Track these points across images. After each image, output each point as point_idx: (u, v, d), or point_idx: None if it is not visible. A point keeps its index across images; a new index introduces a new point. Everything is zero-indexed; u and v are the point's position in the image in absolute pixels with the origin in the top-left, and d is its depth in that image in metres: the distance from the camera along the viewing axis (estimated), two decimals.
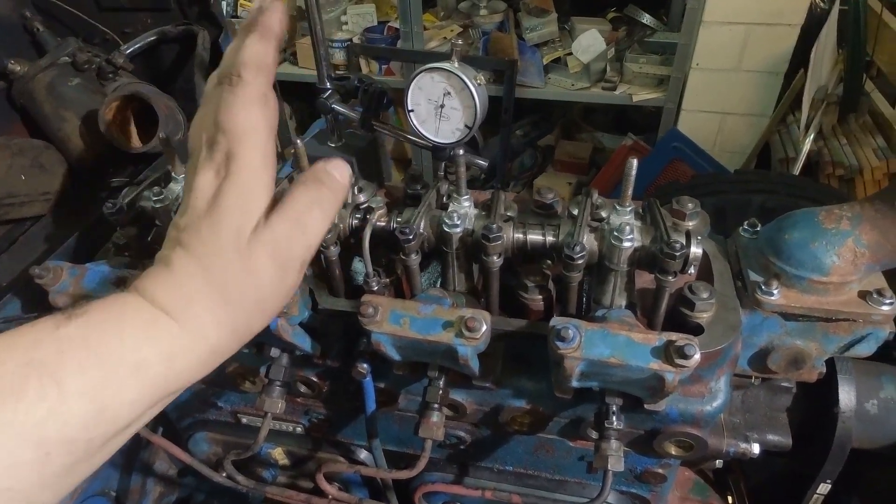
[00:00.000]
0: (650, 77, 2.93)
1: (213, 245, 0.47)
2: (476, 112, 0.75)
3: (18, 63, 1.14)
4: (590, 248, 0.66)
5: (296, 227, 0.50)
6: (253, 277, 0.48)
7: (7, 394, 0.37)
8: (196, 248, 0.47)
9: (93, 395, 0.40)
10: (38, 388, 0.38)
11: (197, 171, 0.49)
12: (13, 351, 0.39)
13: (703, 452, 0.72)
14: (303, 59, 3.34)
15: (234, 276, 0.47)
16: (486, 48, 3.08)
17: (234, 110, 0.48)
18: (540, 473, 0.86)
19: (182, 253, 0.47)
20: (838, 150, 2.38)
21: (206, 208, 0.48)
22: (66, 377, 0.39)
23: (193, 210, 0.48)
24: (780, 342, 0.73)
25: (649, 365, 0.56)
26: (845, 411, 0.78)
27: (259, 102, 0.49)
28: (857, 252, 0.65)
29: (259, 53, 0.49)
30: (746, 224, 0.77)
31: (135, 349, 0.43)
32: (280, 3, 0.52)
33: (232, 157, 0.48)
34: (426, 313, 0.62)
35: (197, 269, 0.47)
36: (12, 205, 1.07)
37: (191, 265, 0.47)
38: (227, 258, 0.47)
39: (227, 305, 0.47)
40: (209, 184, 0.48)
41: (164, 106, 1.12)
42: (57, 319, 0.42)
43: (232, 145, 0.48)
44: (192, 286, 0.47)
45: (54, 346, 0.40)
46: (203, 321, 0.46)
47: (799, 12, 2.47)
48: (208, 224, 0.47)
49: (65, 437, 0.39)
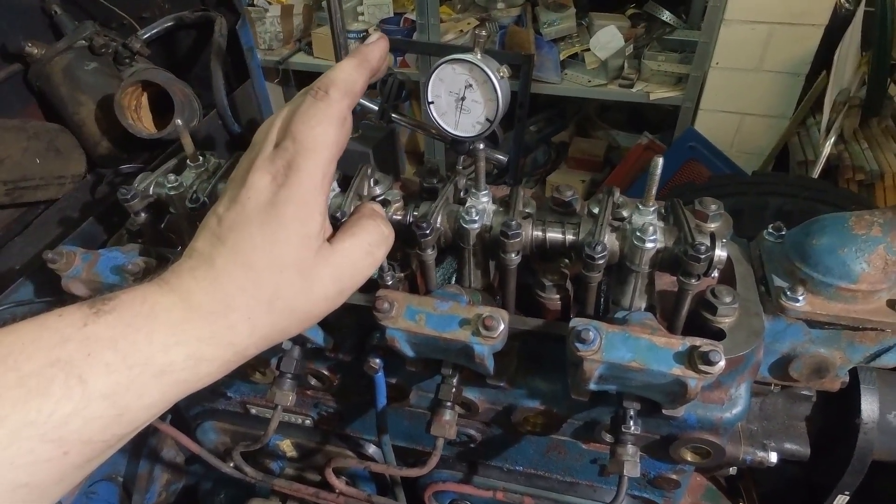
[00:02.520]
0: (668, 75, 2.89)
1: (272, 259, 0.46)
2: (498, 105, 0.74)
3: (36, 46, 1.14)
4: (611, 248, 0.64)
5: (366, 258, 0.52)
6: (311, 297, 0.48)
7: (34, 392, 0.36)
8: (248, 255, 0.46)
9: (116, 399, 0.39)
10: (65, 387, 0.37)
11: (254, 168, 0.48)
12: (40, 346, 0.38)
13: (720, 460, 0.71)
14: (318, 49, 3.33)
15: (292, 294, 0.47)
16: (502, 42, 3.06)
17: (311, 122, 0.48)
18: (551, 475, 0.85)
19: (228, 256, 0.46)
20: (859, 154, 2.34)
21: (261, 213, 0.46)
22: (91, 378, 0.38)
23: (243, 209, 0.47)
24: (804, 350, 0.71)
25: (672, 370, 0.55)
26: (867, 422, 0.76)
27: (337, 122, 0.49)
28: (888, 260, 0.63)
29: (351, 77, 0.51)
30: (771, 228, 0.75)
31: (162, 351, 0.42)
32: (384, 42, 0.55)
33: (294, 167, 0.47)
34: (443, 310, 0.61)
35: (247, 281, 0.45)
36: (27, 188, 1.07)
37: (239, 274, 0.45)
38: (287, 276, 0.46)
39: (270, 315, 0.47)
40: (265, 186, 0.47)
41: (180, 92, 1.11)
42: (85, 314, 0.41)
43: (297, 156, 0.47)
44: (236, 295, 0.45)
45: (82, 346, 0.39)
46: (238, 330, 0.45)
47: (823, 12, 2.43)
48: (266, 234, 0.46)
49: (84, 438, 0.38)
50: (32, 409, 0.36)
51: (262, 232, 0.46)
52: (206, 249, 0.47)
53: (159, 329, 0.42)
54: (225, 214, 0.48)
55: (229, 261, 0.46)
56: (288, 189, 0.47)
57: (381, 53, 0.53)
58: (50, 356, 0.38)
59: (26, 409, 0.36)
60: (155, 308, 0.43)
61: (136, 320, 0.42)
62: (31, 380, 0.36)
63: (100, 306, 0.41)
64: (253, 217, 0.46)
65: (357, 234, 0.52)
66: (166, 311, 0.43)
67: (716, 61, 2.65)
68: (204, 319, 0.44)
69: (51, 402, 0.36)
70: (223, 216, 0.48)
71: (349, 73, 0.51)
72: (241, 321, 0.45)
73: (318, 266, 0.48)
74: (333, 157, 0.50)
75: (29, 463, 0.36)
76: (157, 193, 0.81)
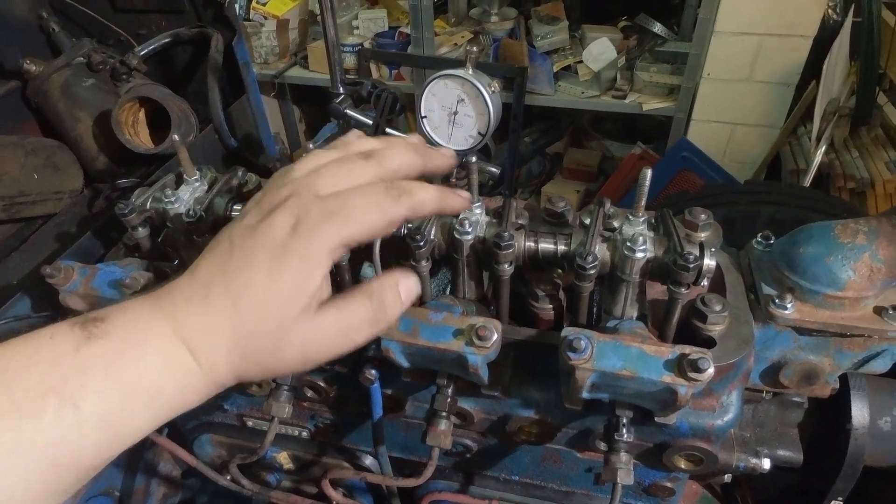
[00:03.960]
0: (660, 86, 2.93)
1: (258, 309, 0.45)
2: (490, 119, 0.75)
3: (34, 63, 1.15)
4: (602, 258, 0.65)
5: (341, 337, 0.48)
6: (277, 356, 0.47)
7: (26, 414, 0.37)
8: (241, 294, 0.45)
9: (107, 424, 0.40)
10: (57, 410, 0.38)
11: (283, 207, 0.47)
12: (33, 369, 0.39)
13: (713, 467, 0.71)
14: (314, 62, 3.36)
15: (261, 347, 0.46)
16: (496, 55, 3.09)
17: (368, 204, 0.47)
18: (547, 484, 0.86)
19: (223, 290, 0.45)
20: (850, 162, 2.36)
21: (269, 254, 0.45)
22: (84, 403, 0.39)
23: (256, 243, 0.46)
24: (793, 357, 0.72)
25: (662, 378, 0.56)
26: (858, 428, 0.77)
27: (388, 217, 0.48)
28: (873, 267, 0.65)
29: (432, 202, 0.51)
30: (760, 236, 0.77)
31: (153, 378, 0.42)
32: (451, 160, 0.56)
33: (323, 227, 0.46)
34: (437, 321, 0.62)
35: (231, 320, 0.45)
36: (24, 203, 1.08)
37: (228, 311, 0.45)
38: (264, 330, 0.46)
39: (244, 361, 0.47)
40: (283, 230, 0.46)
41: (177, 108, 1.12)
42: (77, 337, 0.41)
43: (333, 218, 0.46)
44: (221, 332, 0.45)
45: (75, 371, 0.40)
46: (219, 365, 0.46)
47: (812, 24, 2.46)
48: (265, 278, 0.45)
49: (76, 461, 0.39)
50: (27, 430, 0.37)
51: (263, 275, 0.45)
52: (206, 277, 0.47)
53: (150, 356, 0.43)
54: (239, 241, 0.47)
55: (224, 296, 0.45)
56: (304, 241, 0.45)
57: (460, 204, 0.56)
58: (43, 378, 0.38)
59: (20, 431, 0.36)
60: (146, 334, 0.43)
61: (126, 346, 0.42)
62: (24, 403, 0.37)
63: (91, 329, 0.42)
64: (261, 255, 0.46)
65: (344, 310, 0.49)
66: (157, 339, 0.43)
67: (707, 72, 2.68)
68: (191, 351, 0.44)
69: (44, 423, 0.37)
70: (236, 242, 0.47)
71: (432, 197, 0.50)
72: (221, 358, 0.46)
73: (293, 330, 0.46)
74: (361, 238, 0.48)
75: (22, 483, 0.37)
76: (154, 208, 0.82)
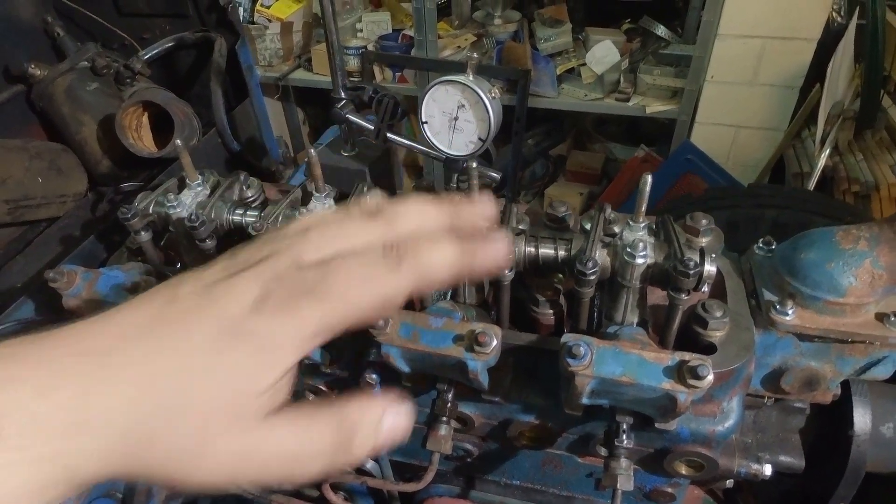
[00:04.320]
0: (664, 89, 2.92)
1: (182, 396, 0.34)
2: (490, 125, 0.75)
3: (38, 67, 1.16)
4: (602, 264, 0.65)
5: (286, 464, 0.37)
6: (191, 467, 0.35)
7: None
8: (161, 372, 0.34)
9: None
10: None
11: (251, 269, 0.37)
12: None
13: (713, 473, 0.71)
14: (317, 65, 3.37)
15: (174, 452, 0.34)
16: (499, 57, 3.09)
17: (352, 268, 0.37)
18: (547, 489, 0.86)
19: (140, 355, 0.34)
20: (854, 165, 2.35)
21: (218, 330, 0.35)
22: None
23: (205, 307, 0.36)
24: (794, 363, 0.72)
25: (661, 385, 0.56)
26: (860, 434, 0.77)
27: (383, 291, 0.37)
28: (874, 274, 0.64)
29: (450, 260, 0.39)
30: (761, 242, 0.77)
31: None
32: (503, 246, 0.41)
33: (286, 302, 0.36)
34: (437, 326, 0.62)
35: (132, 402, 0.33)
36: (29, 206, 1.09)
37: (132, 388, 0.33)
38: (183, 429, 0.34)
39: (133, 461, 0.34)
40: (244, 300, 0.36)
41: (180, 112, 1.13)
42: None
43: (303, 293, 0.36)
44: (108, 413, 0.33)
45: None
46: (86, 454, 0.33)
47: (816, 27, 2.46)
48: (201, 360, 0.34)
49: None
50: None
51: (203, 354, 0.34)
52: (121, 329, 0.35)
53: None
54: (185, 298, 0.36)
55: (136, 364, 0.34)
56: (266, 322, 0.35)
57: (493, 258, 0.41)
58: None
59: None
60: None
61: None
62: None
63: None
64: (207, 327, 0.35)
65: (300, 431, 0.37)
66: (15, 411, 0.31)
67: (710, 75, 2.68)
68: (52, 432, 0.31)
69: None
70: (181, 298, 0.36)
71: (447, 257, 0.38)
72: (91, 455, 0.32)
73: (225, 438, 0.35)
74: (347, 323, 0.37)
75: None
76: (156, 212, 0.82)
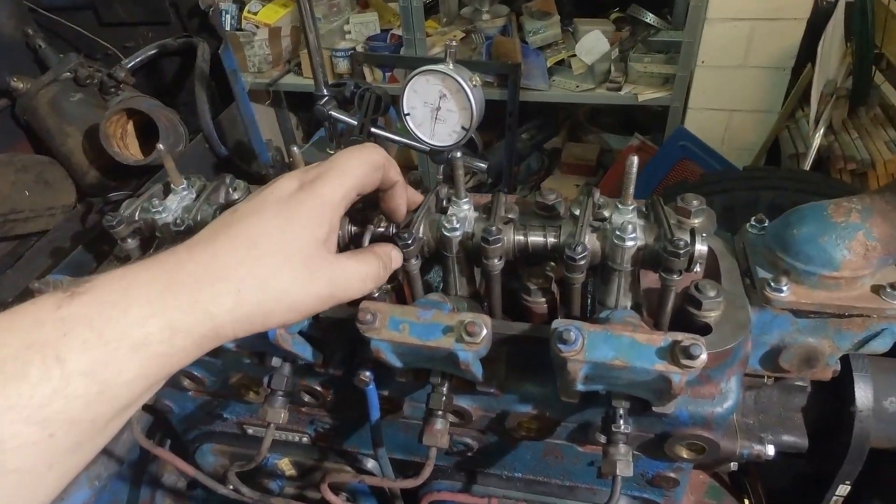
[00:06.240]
0: (655, 76, 2.91)
1: (279, 244, 0.49)
2: (472, 114, 0.75)
3: (21, 80, 1.16)
4: (592, 249, 0.64)
5: (359, 283, 0.56)
6: (307, 288, 0.50)
7: (11, 376, 0.36)
8: (256, 237, 0.48)
9: (95, 375, 0.39)
10: (42, 368, 0.37)
11: (283, 176, 0.55)
12: (14, 332, 0.38)
13: (715, 455, 0.70)
14: (307, 69, 3.37)
15: (290, 278, 0.49)
16: (489, 52, 3.08)
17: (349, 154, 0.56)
18: (549, 480, 0.85)
19: (233, 236, 0.48)
20: (849, 144, 2.34)
21: (278, 204, 0.51)
22: (69, 357, 0.38)
23: (262, 201, 0.51)
24: (792, 340, 0.71)
25: (654, 366, 0.55)
26: (862, 410, 0.76)
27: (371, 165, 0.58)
28: (868, 245, 0.63)
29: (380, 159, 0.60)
30: (753, 220, 0.76)
31: (139, 324, 0.41)
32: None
33: (321, 179, 0.53)
34: (425, 318, 0.61)
35: (249, 257, 0.47)
36: (17, 220, 1.08)
37: (242, 250, 0.47)
38: (292, 262, 0.49)
39: (261, 292, 0.47)
40: (290, 187, 0.53)
41: (164, 118, 1.12)
42: (59, 298, 0.40)
43: (328, 171, 0.54)
44: (233, 267, 0.46)
45: (58, 326, 0.39)
46: (221, 300, 0.45)
47: (804, 6, 2.45)
48: (279, 222, 0.49)
49: (68, 418, 0.38)
50: (13, 393, 0.36)
51: (276, 220, 0.49)
52: (206, 234, 0.49)
53: (136, 302, 0.42)
54: (241, 206, 0.51)
55: (233, 239, 0.48)
56: (309, 192, 0.52)
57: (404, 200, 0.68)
58: (25, 340, 0.38)
59: (6, 394, 0.36)
60: (133, 283, 0.43)
61: (112, 296, 0.41)
62: (8, 364, 0.36)
63: (74, 289, 0.41)
64: (270, 206, 0.50)
65: (360, 261, 0.57)
66: (146, 285, 0.43)
67: (701, 60, 2.67)
68: (186, 287, 0.44)
69: (30, 384, 0.36)
70: (239, 207, 0.51)
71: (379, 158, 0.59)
72: (227, 292, 0.45)
73: (322, 265, 0.51)
74: (356, 187, 0.56)
75: (16, 447, 0.36)
76: (142, 219, 0.81)
